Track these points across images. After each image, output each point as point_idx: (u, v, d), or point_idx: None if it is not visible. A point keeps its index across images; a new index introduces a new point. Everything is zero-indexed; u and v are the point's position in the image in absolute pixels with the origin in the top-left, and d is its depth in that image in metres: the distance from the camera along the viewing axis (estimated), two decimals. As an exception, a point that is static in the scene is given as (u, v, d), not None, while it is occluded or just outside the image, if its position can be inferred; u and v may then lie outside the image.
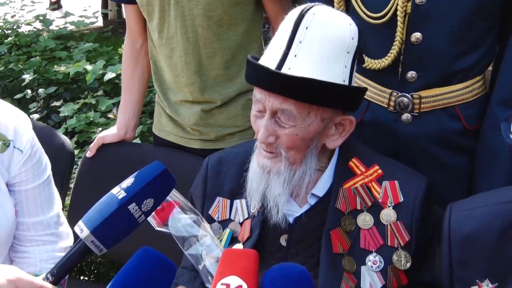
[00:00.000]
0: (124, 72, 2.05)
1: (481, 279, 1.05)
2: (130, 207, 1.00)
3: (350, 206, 1.25)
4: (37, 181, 1.47)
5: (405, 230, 1.22)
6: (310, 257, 1.25)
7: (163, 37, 1.80)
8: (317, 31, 1.14)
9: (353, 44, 1.18)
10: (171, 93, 1.92)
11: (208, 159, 1.44)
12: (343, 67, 1.17)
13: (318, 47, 1.14)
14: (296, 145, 1.19)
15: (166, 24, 1.77)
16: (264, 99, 1.17)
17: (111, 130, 2.05)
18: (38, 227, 1.47)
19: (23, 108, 3.62)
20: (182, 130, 1.93)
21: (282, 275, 0.98)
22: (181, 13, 1.73)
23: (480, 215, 1.09)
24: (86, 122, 3.14)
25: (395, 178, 1.27)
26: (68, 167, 1.96)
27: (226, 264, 1.04)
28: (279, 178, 1.21)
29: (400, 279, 1.21)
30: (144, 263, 0.97)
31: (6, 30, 4.62)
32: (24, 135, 1.43)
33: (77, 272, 2.54)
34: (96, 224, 0.98)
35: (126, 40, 2.00)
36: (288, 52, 1.14)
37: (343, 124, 1.23)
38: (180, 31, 1.75)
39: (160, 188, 1.06)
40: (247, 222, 1.30)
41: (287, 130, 1.17)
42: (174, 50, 1.80)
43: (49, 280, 1.00)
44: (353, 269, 1.21)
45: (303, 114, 1.16)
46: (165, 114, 1.97)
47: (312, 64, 1.13)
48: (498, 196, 1.14)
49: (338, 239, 1.23)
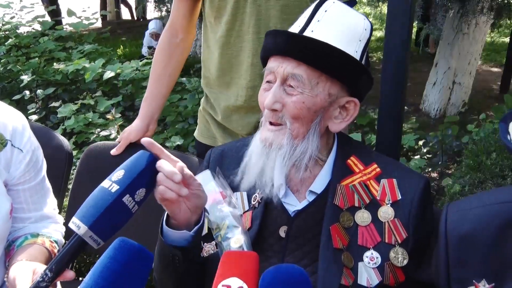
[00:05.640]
0: (157, 64, 1.96)
1: (478, 279, 1.05)
2: (125, 199, 1.02)
3: (348, 203, 1.25)
4: (38, 178, 1.50)
5: (402, 227, 1.23)
6: (308, 252, 1.26)
7: (232, 35, 1.76)
8: (335, 15, 1.24)
9: (365, 35, 1.27)
10: (222, 97, 1.86)
11: (211, 152, 1.45)
12: (354, 51, 1.24)
13: (335, 27, 1.23)
14: (302, 115, 1.22)
15: (239, 22, 1.74)
16: (277, 66, 1.23)
17: (133, 126, 1.99)
18: (37, 219, 1.52)
19: (21, 109, 3.61)
20: (232, 137, 1.87)
21: (280, 279, 0.98)
22: (257, 12, 1.71)
23: (477, 215, 1.09)
24: (84, 123, 3.14)
25: (394, 176, 1.28)
26: (66, 168, 1.96)
27: (226, 265, 1.04)
28: (280, 151, 1.23)
29: (397, 275, 1.22)
30: (121, 253, 0.98)
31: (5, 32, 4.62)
32: (22, 134, 1.44)
33: (75, 272, 2.54)
34: (93, 219, 0.99)
35: (165, 33, 1.93)
36: (306, 27, 1.23)
37: (347, 108, 1.27)
38: (253, 30, 1.72)
39: (150, 177, 1.08)
40: (248, 214, 1.31)
41: (295, 97, 1.21)
42: (243, 49, 1.76)
43: (48, 276, 1.02)
44: (350, 265, 1.22)
45: (312, 83, 1.21)
46: (214, 121, 1.92)
47: (327, 38, 1.20)
48: (495, 196, 1.14)
49: (338, 235, 1.23)
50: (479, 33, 6.02)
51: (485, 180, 2.13)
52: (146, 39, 8.30)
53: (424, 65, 7.94)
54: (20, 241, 1.44)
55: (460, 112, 6.15)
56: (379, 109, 1.78)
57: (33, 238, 1.45)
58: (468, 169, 2.27)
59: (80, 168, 2.05)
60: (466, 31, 5.91)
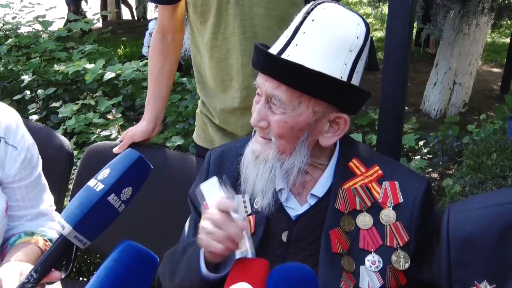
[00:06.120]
0: (153, 66, 1.97)
1: (479, 280, 1.05)
2: (110, 198, 1.01)
3: (349, 207, 1.25)
4: (33, 175, 1.49)
5: (404, 230, 1.22)
6: (309, 256, 1.25)
7: (218, 38, 1.75)
8: (322, 25, 1.17)
9: (357, 44, 1.18)
10: (218, 101, 1.85)
11: (210, 153, 1.44)
12: (343, 64, 1.17)
13: (320, 40, 1.16)
14: (286, 134, 1.20)
15: (223, 24, 1.73)
16: (261, 83, 1.21)
17: (138, 127, 1.99)
18: (34, 217, 1.51)
19: (22, 109, 3.62)
20: (231, 138, 1.85)
21: (288, 276, 0.98)
22: (240, 12, 1.69)
23: (479, 216, 1.09)
24: (85, 123, 3.14)
25: (395, 178, 1.27)
26: (66, 168, 1.95)
27: (237, 271, 1.05)
28: (265, 165, 1.22)
29: (399, 279, 1.21)
30: (126, 256, 0.97)
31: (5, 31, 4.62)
32: (16, 132, 1.43)
33: (76, 272, 2.54)
34: (77, 219, 0.98)
35: (155, 35, 1.94)
36: (291, 40, 1.18)
37: (338, 122, 1.23)
38: (239, 30, 1.71)
39: (137, 176, 1.07)
40: (251, 218, 1.30)
41: (277, 116, 1.19)
42: (231, 51, 1.75)
43: (33, 277, 1.00)
44: (352, 269, 1.21)
45: (294, 103, 1.17)
46: (212, 124, 1.92)
47: (311, 54, 1.15)
48: (497, 197, 1.14)
49: (337, 239, 1.22)
50: (480, 33, 6.02)
51: (485, 180, 2.13)
52: (146, 39, 8.30)
53: (424, 65, 7.95)
54: (13, 239, 1.43)
55: (461, 113, 6.15)
56: (379, 109, 1.78)
57: (27, 237, 1.44)
58: (468, 169, 2.27)
59: (81, 168, 2.04)
60: (467, 32, 5.91)
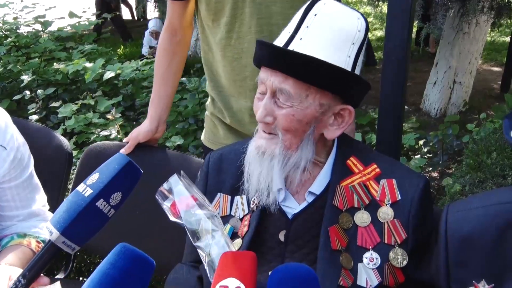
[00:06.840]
0: (160, 65, 1.94)
1: (477, 280, 1.05)
2: (98, 203, 1.00)
3: (347, 204, 1.25)
4: (24, 175, 1.48)
5: (402, 228, 1.23)
6: (307, 254, 1.26)
7: (232, 37, 1.72)
8: (325, 19, 1.19)
9: (359, 37, 1.21)
10: (233, 100, 1.82)
11: (210, 156, 1.44)
12: (346, 56, 1.19)
13: (324, 33, 1.18)
14: (293, 127, 1.21)
15: (238, 23, 1.70)
16: (266, 78, 1.21)
17: (142, 128, 1.97)
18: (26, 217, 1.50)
19: (21, 109, 3.63)
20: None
21: (289, 276, 0.98)
22: (257, 10, 1.67)
23: (477, 216, 1.09)
24: (85, 123, 3.14)
25: (393, 176, 1.27)
26: (66, 168, 1.96)
27: (224, 266, 1.04)
28: (272, 161, 1.22)
29: (396, 276, 1.22)
30: (121, 260, 0.94)
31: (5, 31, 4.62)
32: (5, 132, 1.42)
33: (75, 272, 2.54)
34: (65, 225, 0.97)
35: (164, 33, 1.91)
36: (294, 35, 1.19)
37: (342, 115, 1.24)
38: (255, 29, 1.68)
39: (126, 181, 1.05)
40: (247, 218, 1.31)
41: (284, 110, 1.20)
42: (245, 50, 1.72)
43: (21, 282, 0.99)
44: (350, 266, 1.21)
45: (302, 96, 1.18)
46: (223, 125, 1.90)
47: (315, 47, 1.17)
48: (496, 196, 1.14)
49: (336, 236, 1.23)
50: (480, 32, 6.02)
51: (485, 179, 2.13)
52: (146, 39, 8.30)
53: (424, 64, 7.94)
54: (6, 241, 1.42)
55: (461, 112, 6.14)
56: (379, 109, 1.78)
57: (20, 239, 1.43)
58: (468, 168, 2.27)
59: (80, 168, 2.04)
60: (467, 31, 5.90)
